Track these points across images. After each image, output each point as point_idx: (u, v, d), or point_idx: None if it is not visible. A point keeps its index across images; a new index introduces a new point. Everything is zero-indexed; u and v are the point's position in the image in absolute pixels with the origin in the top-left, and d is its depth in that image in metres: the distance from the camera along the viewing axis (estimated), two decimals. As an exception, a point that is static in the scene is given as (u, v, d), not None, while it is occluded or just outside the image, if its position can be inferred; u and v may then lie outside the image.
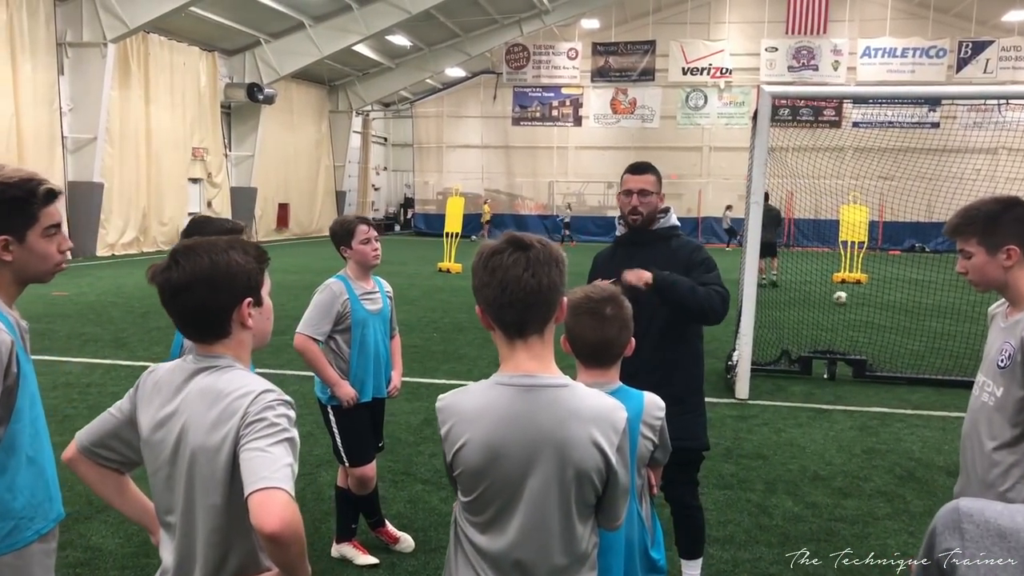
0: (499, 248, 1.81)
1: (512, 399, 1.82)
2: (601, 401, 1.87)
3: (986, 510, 1.23)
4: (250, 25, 24.06)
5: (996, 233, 2.42)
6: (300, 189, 30.07)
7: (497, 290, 1.80)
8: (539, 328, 1.84)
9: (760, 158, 7.53)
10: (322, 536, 4.43)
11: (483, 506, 1.86)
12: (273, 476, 1.61)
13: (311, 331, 3.84)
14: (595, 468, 1.81)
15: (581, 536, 1.87)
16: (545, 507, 1.82)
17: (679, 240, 3.64)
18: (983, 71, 28.71)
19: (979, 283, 2.51)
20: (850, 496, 5.23)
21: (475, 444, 1.82)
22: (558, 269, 1.82)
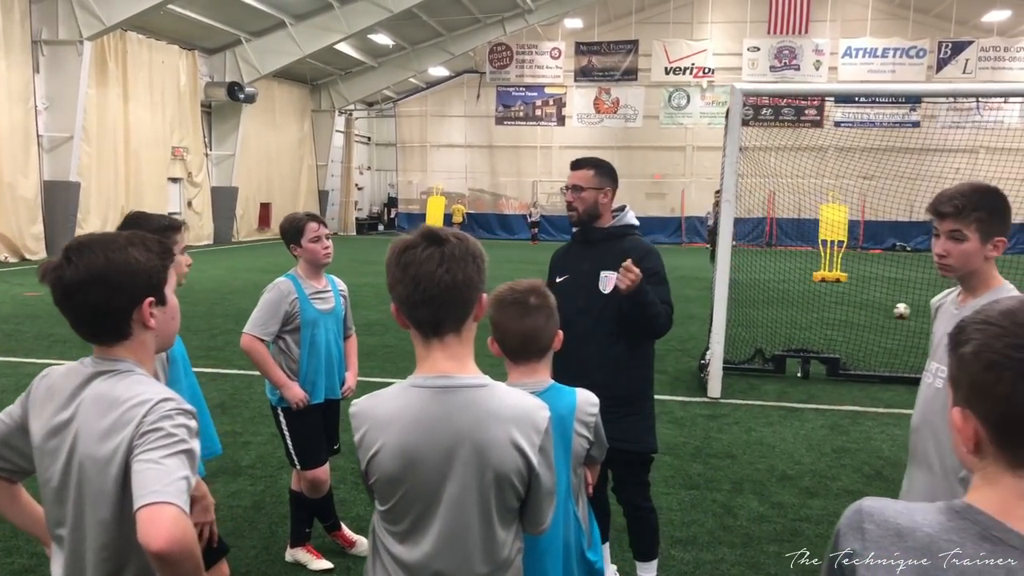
0: (412, 243, 1.74)
1: (427, 401, 1.75)
2: (522, 400, 1.80)
3: (886, 509, 1.18)
4: (230, 24, 23.87)
5: (995, 222, 2.42)
6: (282, 189, 29.88)
7: (410, 287, 1.72)
8: (455, 327, 1.77)
9: (732, 156, 7.49)
10: (278, 540, 4.36)
11: (400, 515, 1.79)
12: (164, 490, 1.51)
13: (258, 331, 3.76)
14: (515, 470, 1.74)
15: (503, 542, 1.79)
16: (464, 514, 1.74)
17: (632, 240, 3.53)
18: (963, 71, 28.89)
19: (958, 268, 2.48)
20: (816, 496, 5.20)
21: (389, 450, 1.74)
22: (475, 265, 1.75)
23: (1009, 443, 1.10)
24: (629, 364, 3.45)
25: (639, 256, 3.39)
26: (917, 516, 1.15)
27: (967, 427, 1.14)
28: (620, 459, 3.43)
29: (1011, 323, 1.09)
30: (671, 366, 8.90)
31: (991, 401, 1.09)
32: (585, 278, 3.44)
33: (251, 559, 4.17)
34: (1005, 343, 1.08)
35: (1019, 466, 1.10)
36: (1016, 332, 1.08)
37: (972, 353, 1.11)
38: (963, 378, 1.14)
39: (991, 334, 1.10)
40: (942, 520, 1.13)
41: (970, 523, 1.11)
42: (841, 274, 17.98)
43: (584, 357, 3.34)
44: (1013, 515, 1.09)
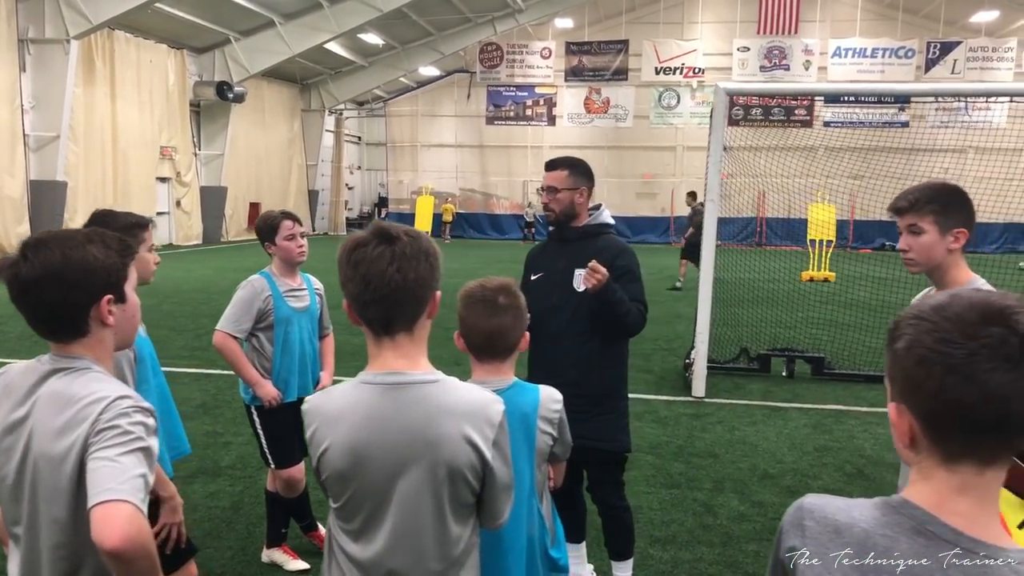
0: (364, 240, 1.72)
1: (376, 398, 1.73)
2: (474, 395, 1.79)
3: (827, 506, 1.19)
4: (219, 23, 23.77)
5: (952, 214, 2.45)
6: (272, 188, 29.75)
7: (361, 285, 1.71)
8: (407, 326, 1.76)
9: (716, 155, 7.49)
10: (255, 540, 4.33)
11: (352, 512, 1.78)
12: (119, 488, 1.50)
13: (230, 328, 3.74)
14: (469, 465, 1.72)
15: (457, 538, 1.78)
16: (417, 511, 1.73)
17: (606, 239, 3.52)
18: (951, 71, 28.99)
19: (921, 263, 2.52)
20: (797, 494, 5.14)
21: (338, 447, 1.73)
22: (427, 263, 1.74)
23: (941, 438, 1.09)
24: (602, 363, 3.43)
25: (613, 254, 3.39)
26: (855, 512, 1.15)
27: (902, 422, 1.14)
28: (594, 458, 3.43)
29: (941, 317, 1.08)
30: (657, 365, 8.90)
31: (922, 396, 1.09)
32: (559, 276, 3.43)
33: (227, 560, 4.14)
34: (935, 338, 1.07)
35: (952, 460, 1.10)
36: (945, 327, 1.07)
37: (904, 348, 1.11)
38: (897, 373, 1.13)
39: (922, 329, 1.09)
40: (878, 515, 1.13)
41: (905, 518, 1.11)
42: (829, 273, 18.02)
43: (557, 355, 3.35)
44: (947, 509, 1.09)
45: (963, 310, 1.07)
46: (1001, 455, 1.09)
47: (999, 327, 1.04)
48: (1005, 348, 1.02)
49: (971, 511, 1.09)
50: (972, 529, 1.07)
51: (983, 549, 1.06)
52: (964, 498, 1.09)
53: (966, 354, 1.04)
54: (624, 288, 3.35)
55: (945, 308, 1.09)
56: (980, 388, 1.03)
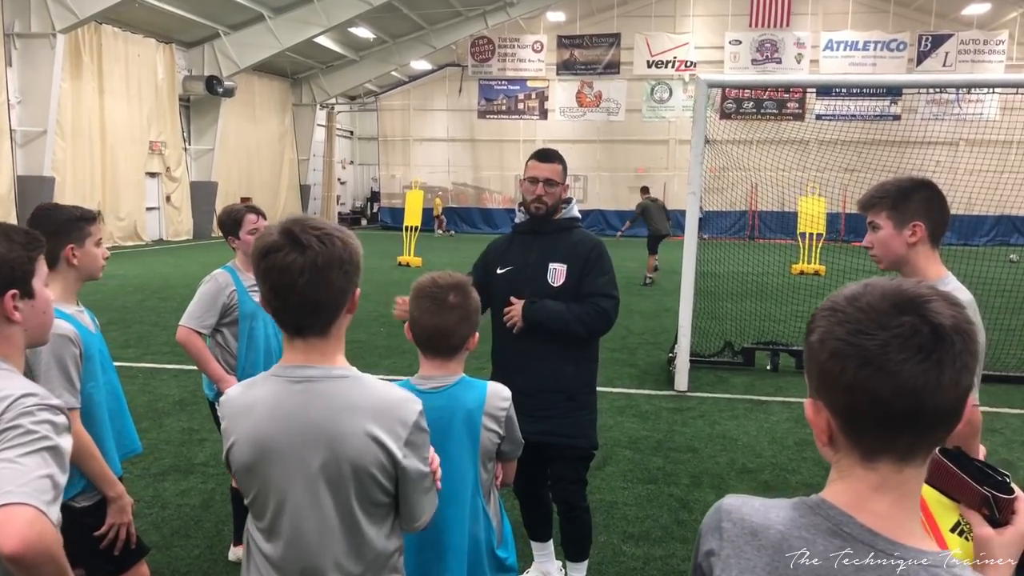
0: (274, 245, 1.65)
1: (282, 391, 1.69)
2: (386, 392, 1.74)
3: (744, 507, 1.13)
4: (208, 16, 23.64)
5: (905, 209, 2.44)
6: (263, 183, 29.63)
7: (270, 293, 1.67)
8: (319, 331, 1.71)
9: (698, 148, 7.44)
10: (223, 539, 4.29)
11: (261, 508, 1.74)
12: (19, 490, 1.43)
13: (194, 324, 3.67)
14: (376, 464, 1.67)
15: (373, 539, 1.73)
16: (320, 508, 1.69)
17: (579, 232, 3.48)
18: (943, 64, 28.95)
19: (883, 258, 2.51)
20: (775, 489, 5.16)
21: (243, 440, 1.70)
22: (342, 271, 1.67)
23: (858, 434, 1.04)
24: (575, 358, 3.38)
25: (588, 248, 3.38)
26: (771, 513, 1.10)
27: (820, 419, 1.08)
28: (560, 455, 3.37)
29: (854, 308, 1.03)
30: (641, 359, 8.86)
31: (838, 391, 1.03)
32: (532, 270, 3.37)
33: (194, 558, 4.09)
34: (847, 329, 1.02)
35: (870, 457, 1.04)
36: (858, 317, 1.01)
37: (818, 341, 1.06)
38: (813, 368, 1.08)
39: (835, 321, 1.04)
40: (794, 516, 1.08)
41: (821, 518, 1.06)
42: (819, 267, 18.01)
43: (528, 351, 3.30)
44: (864, 509, 1.04)
45: (875, 300, 1.02)
46: (919, 451, 1.04)
47: (911, 316, 0.99)
48: (917, 338, 0.98)
49: (889, 511, 1.04)
50: (889, 529, 1.03)
51: (898, 550, 1.01)
52: (883, 497, 1.04)
53: (878, 345, 0.99)
54: (591, 282, 3.32)
55: (858, 298, 1.04)
56: (893, 380, 0.98)
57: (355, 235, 1.76)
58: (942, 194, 2.46)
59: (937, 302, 1.01)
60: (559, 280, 3.33)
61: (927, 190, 2.45)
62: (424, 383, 2.21)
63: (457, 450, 2.16)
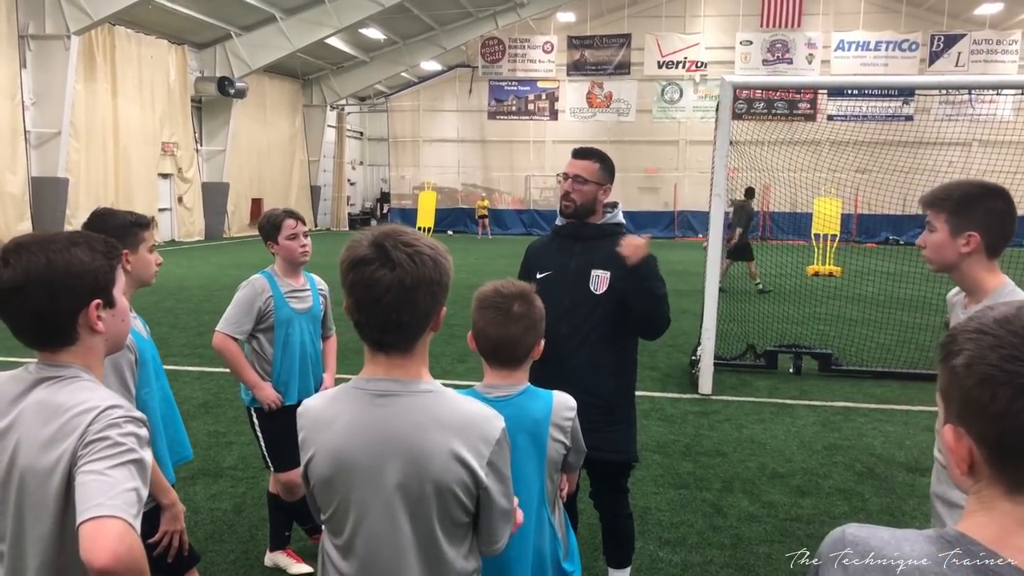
0: (365, 258, 1.62)
1: (365, 404, 1.66)
2: (471, 408, 1.70)
3: (872, 539, 1.07)
4: (220, 18, 23.68)
5: (966, 216, 2.31)
6: (274, 184, 29.67)
7: (355, 306, 1.64)
8: (402, 348, 1.68)
9: (722, 150, 7.40)
10: (258, 544, 4.27)
11: (339, 524, 1.71)
12: (109, 503, 1.41)
13: (231, 329, 3.66)
14: (459, 483, 1.63)
15: (452, 559, 1.70)
16: (399, 526, 1.65)
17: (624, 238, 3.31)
18: (955, 64, 28.83)
19: (933, 261, 2.41)
20: (808, 495, 5.12)
21: (323, 453, 1.68)
22: (429, 292, 1.63)
23: (1006, 465, 0.99)
24: (616, 370, 3.25)
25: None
26: (904, 547, 1.04)
27: (960, 447, 1.03)
28: (601, 470, 3.30)
29: (1007, 332, 0.98)
30: (662, 362, 8.83)
31: (986, 419, 0.98)
32: (573, 276, 3.22)
33: (229, 564, 4.08)
34: (1000, 355, 0.97)
35: (1016, 490, 0.99)
36: (1012, 342, 0.97)
37: (964, 365, 1.01)
38: (955, 393, 1.03)
39: (985, 344, 0.99)
40: (932, 552, 1.02)
41: (964, 554, 1.00)
42: (835, 268, 17.94)
43: (568, 361, 3.15)
44: (1011, 545, 0.99)
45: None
46: None
47: None
48: None
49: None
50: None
51: None
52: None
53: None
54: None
55: (1011, 321, 0.99)
56: None
57: (448, 252, 1.72)
58: (1009, 206, 2.31)
59: None
60: (602, 287, 3.18)
61: (995, 200, 2.31)
62: (490, 391, 2.19)
63: (523, 460, 2.13)
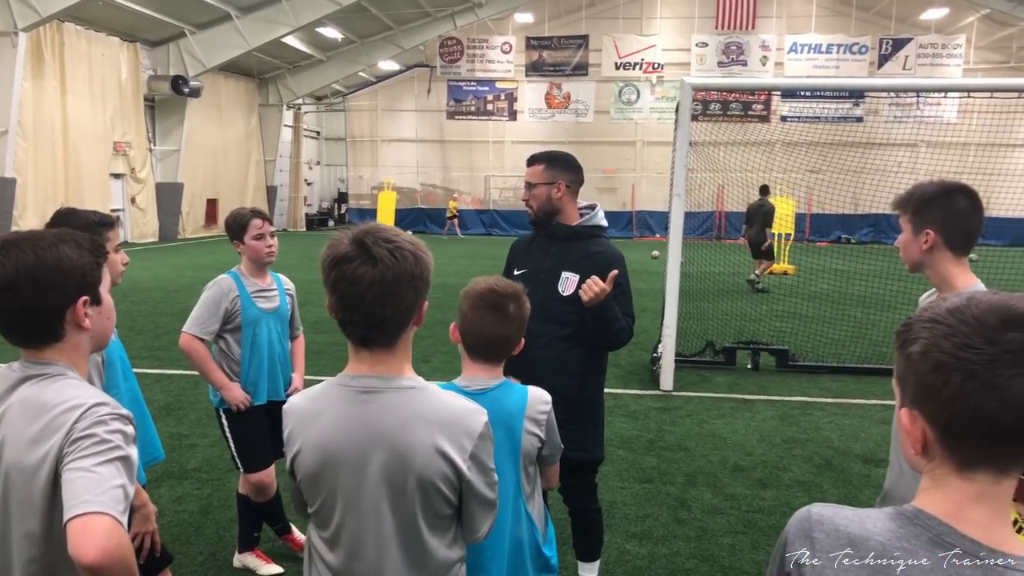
0: (346, 255, 1.64)
1: (350, 401, 1.69)
2: (455, 403, 1.74)
3: (837, 517, 1.14)
4: (173, 15, 23.28)
5: (922, 215, 2.41)
6: (229, 184, 29.27)
7: (338, 304, 1.67)
8: (385, 343, 1.71)
9: (682, 151, 7.52)
10: (226, 545, 4.24)
11: (326, 518, 1.74)
12: (97, 500, 1.42)
13: (197, 330, 3.62)
14: (441, 477, 1.67)
15: (435, 549, 1.74)
16: (383, 519, 1.69)
17: (599, 243, 3.33)
18: (903, 67, 29.58)
19: (905, 260, 2.51)
20: (768, 487, 5.25)
21: (309, 448, 1.70)
22: (411, 286, 1.66)
23: (957, 445, 1.07)
24: (584, 370, 3.28)
25: (606, 262, 3.20)
26: (868, 524, 1.12)
27: (915, 428, 1.10)
28: (569, 467, 3.34)
29: (958, 321, 1.05)
30: (624, 359, 8.93)
31: (939, 402, 1.05)
32: (545, 276, 3.26)
33: (197, 566, 4.05)
34: (953, 343, 1.04)
35: (967, 468, 1.07)
36: (963, 331, 1.04)
37: (920, 352, 1.08)
38: (910, 378, 1.10)
39: (939, 333, 1.06)
40: (893, 527, 1.10)
41: (922, 529, 1.08)
42: (789, 266, 18.27)
43: (537, 359, 3.12)
44: (964, 519, 1.07)
45: (982, 313, 1.04)
46: (1016, 463, 1.07)
47: (1020, 332, 1.01)
48: None
49: (988, 520, 1.06)
50: (989, 539, 1.05)
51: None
52: (981, 507, 1.06)
53: (987, 360, 1.01)
54: (617, 301, 3.20)
55: (963, 311, 1.06)
56: (1001, 395, 1.00)
57: (427, 248, 1.75)
58: (971, 202, 2.39)
59: None
60: (569, 289, 3.21)
61: (951, 198, 2.39)
62: (469, 384, 2.23)
63: (498, 452, 2.16)
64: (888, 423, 6.68)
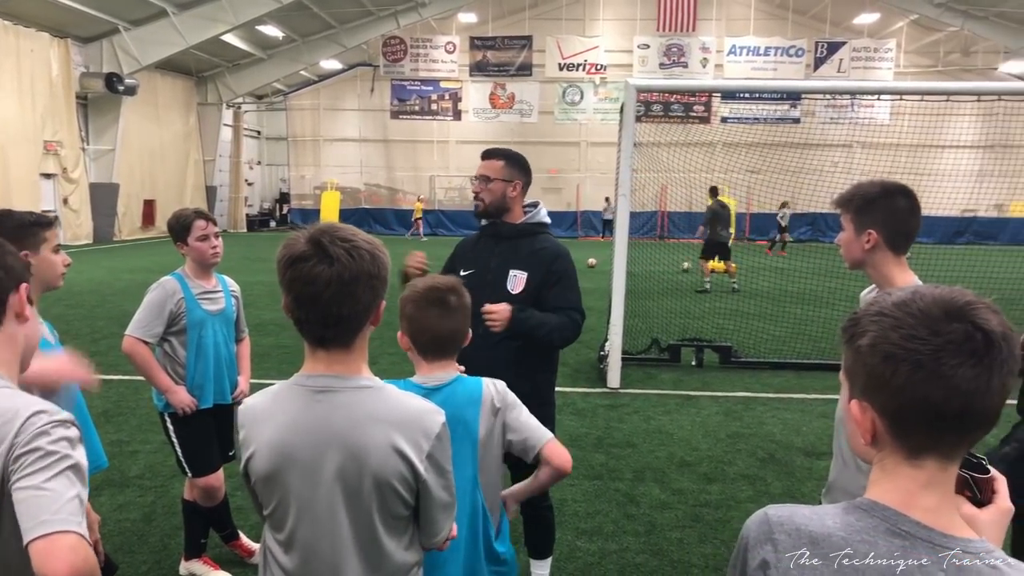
0: (302, 254, 1.61)
1: (305, 401, 1.68)
2: (412, 403, 1.73)
3: (795, 516, 1.16)
4: (106, 11, 22.62)
5: (865, 214, 2.44)
6: (167, 185, 28.59)
7: (294, 304, 1.64)
8: (342, 343, 1.69)
9: (627, 151, 7.61)
10: (171, 553, 4.15)
11: (281, 520, 1.72)
12: (54, 518, 1.36)
13: (141, 333, 3.53)
14: (398, 477, 1.66)
15: (392, 552, 1.72)
16: (339, 520, 1.67)
17: (544, 239, 3.38)
18: (837, 70, 30.38)
19: (845, 258, 2.54)
20: (715, 481, 5.34)
21: (263, 449, 1.68)
22: (368, 285, 1.64)
23: (905, 433, 1.11)
24: (534, 367, 3.30)
25: (550, 257, 3.29)
26: (827, 520, 1.14)
27: (865, 419, 1.14)
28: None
29: (904, 314, 1.09)
30: (571, 358, 8.99)
31: (888, 392, 1.09)
32: (492, 275, 3.30)
33: (141, 575, 3.95)
34: (900, 334, 1.08)
35: (916, 456, 1.11)
36: (910, 323, 1.08)
37: (868, 345, 1.11)
38: (859, 370, 1.13)
39: (886, 325, 1.10)
40: (851, 521, 1.13)
41: (878, 520, 1.11)
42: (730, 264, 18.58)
43: (487, 357, 3.12)
44: (916, 506, 1.11)
45: (927, 306, 1.08)
46: (961, 449, 1.12)
47: (962, 323, 1.06)
48: (971, 344, 1.05)
49: (938, 506, 1.10)
50: (941, 524, 1.09)
51: (951, 542, 1.08)
52: (931, 493, 1.11)
53: (932, 350, 1.05)
54: (560, 295, 3.25)
55: (908, 304, 1.10)
56: (946, 383, 1.04)
57: (383, 246, 1.74)
58: (910, 203, 2.44)
59: (984, 310, 1.08)
60: (518, 287, 3.25)
61: (892, 199, 2.44)
62: (425, 381, 2.23)
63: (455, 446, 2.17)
64: (828, 417, 6.87)
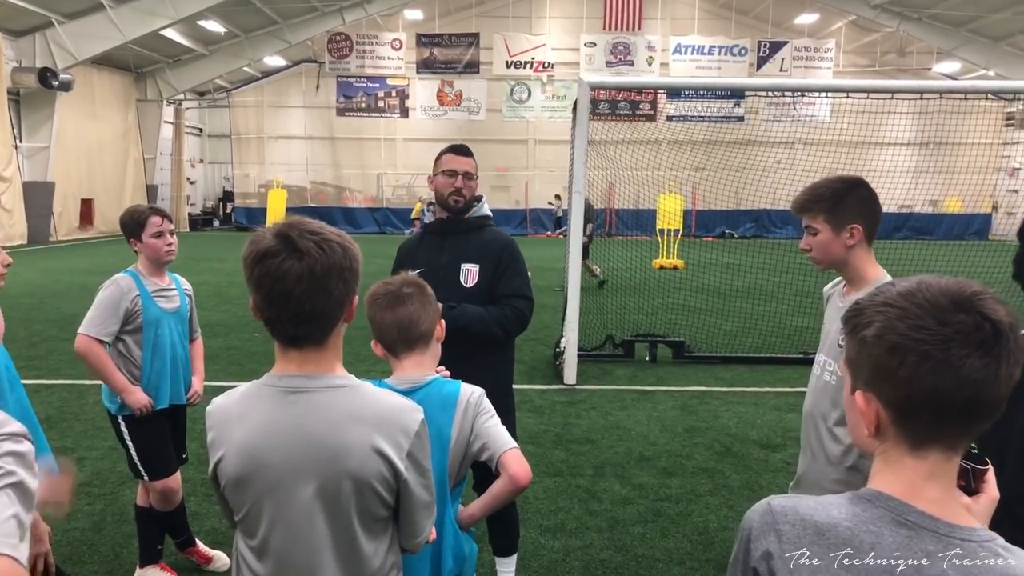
0: (270, 250, 1.55)
1: (277, 402, 1.61)
2: (389, 401, 1.67)
3: (799, 507, 1.15)
4: (39, 3, 21.84)
5: (842, 211, 2.44)
6: (106, 184, 27.75)
7: (265, 302, 1.58)
8: (316, 341, 1.63)
9: (581, 148, 7.62)
10: (124, 562, 4.01)
11: (253, 525, 1.65)
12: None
13: (95, 332, 3.41)
14: (378, 477, 1.61)
15: (369, 555, 1.67)
16: (316, 524, 1.61)
17: (491, 231, 3.45)
18: (779, 69, 30.98)
19: (821, 261, 2.52)
20: (674, 475, 5.38)
21: (234, 452, 1.61)
22: (340, 279, 1.59)
23: (910, 424, 1.10)
24: (492, 362, 3.31)
25: (500, 247, 3.35)
26: (832, 511, 1.14)
27: (869, 410, 1.14)
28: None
29: (911, 304, 1.09)
30: (527, 355, 8.99)
31: (894, 383, 1.09)
32: (444, 271, 3.30)
33: (93, 586, 3.81)
34: (907, 325, 1.07)
35: (920, 447, 1.11)
36: (917, 313, 1.08)
37: (875, 336, 1.10)
38: (864, 361, 1.13)
39: (893, 316, 1.09)
40: (857, 511, 1.12)
41: (884, 510, 1.11)
42: (679, 261, 18.83)
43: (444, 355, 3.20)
44: (920, 497, 1.11)
45: (934, 296, 1.08)
46: (965, 440, 1.12)
47: (970, 314, 1.06)
48: (979, 334, 1.05)
49: (942, 496, 1.11)
50: (945, 514, 1.10)
51: (956, 531, 1.08)
52: (934, 484, 1.11)
53: (940, 340, 1.05)
54: (507, 282, 3.30)
55: (914, 294, 1.10)
56: (955, 373, 1.04)
57: (354, 240, 1.69)
58: (874, 192, 2.48)
59: (991, 300, 1.08)
60: (472, 281, 3.29)
61: (861, 190, 2.46)
62: (399, 383, 2.19)
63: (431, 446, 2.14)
64: (782, 410, 6.99)
